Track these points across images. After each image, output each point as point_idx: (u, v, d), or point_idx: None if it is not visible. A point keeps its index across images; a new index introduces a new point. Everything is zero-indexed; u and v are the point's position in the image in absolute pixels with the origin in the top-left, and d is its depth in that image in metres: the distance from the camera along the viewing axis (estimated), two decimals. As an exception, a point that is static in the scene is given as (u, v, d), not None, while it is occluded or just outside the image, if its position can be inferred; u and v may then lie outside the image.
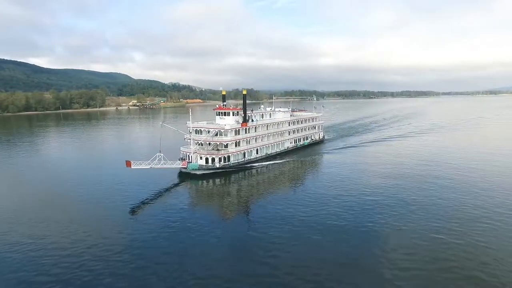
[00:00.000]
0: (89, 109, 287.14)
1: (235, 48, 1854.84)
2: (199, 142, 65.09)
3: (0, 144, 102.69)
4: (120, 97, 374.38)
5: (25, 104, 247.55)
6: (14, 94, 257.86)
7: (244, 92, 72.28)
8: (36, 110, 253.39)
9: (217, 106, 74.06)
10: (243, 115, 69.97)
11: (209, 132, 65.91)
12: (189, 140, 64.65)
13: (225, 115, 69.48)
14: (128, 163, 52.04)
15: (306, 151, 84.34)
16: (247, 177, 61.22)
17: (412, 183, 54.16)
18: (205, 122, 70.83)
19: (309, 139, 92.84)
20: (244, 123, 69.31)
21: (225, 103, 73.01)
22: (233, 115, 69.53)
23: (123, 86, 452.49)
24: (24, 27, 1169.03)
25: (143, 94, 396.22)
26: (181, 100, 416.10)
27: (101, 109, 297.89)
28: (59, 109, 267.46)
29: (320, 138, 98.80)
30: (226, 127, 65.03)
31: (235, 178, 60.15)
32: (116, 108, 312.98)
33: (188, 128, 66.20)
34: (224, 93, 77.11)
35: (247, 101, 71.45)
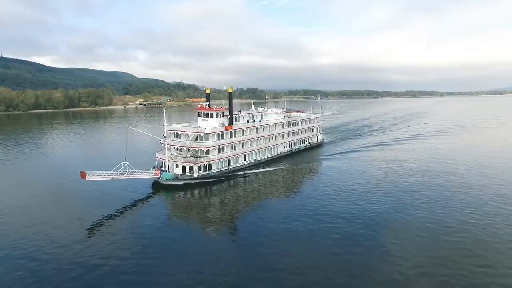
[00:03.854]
0: (97, 108, 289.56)
1: (237, 47, 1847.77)
2: (177, 147, 57.37)
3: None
4: (127, 96, 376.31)
5: (34, 103, 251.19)
6: (24, 92, 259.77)
7: (230, 90, 64.19)
8: (45, 109, 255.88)
9: (199, 106, 66.07)
10: (228, 116, 62.12)
11: (188, 136, 58.07)
12: (165, 145, 56.97)
13: (207, 116, 61.43)
14: (83, 175, 44.37)
15: (302, 156, 76.01)
16: (233, 188, 53.37)
17: (424, 195, 46.95)
18: (184, 125, 63.02)
19: (306, 142, 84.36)
20: (229, 126, 61.34)
21: (208, 103, 64.94)
22: (217, 116, 61.47)
23: (129, 85, 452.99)
24: (27, 26, 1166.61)
25: (149, 93, 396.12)
26: (186, 99, 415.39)
27: (109, 107, 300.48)
28: (68, 108, 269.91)
29: (318, 141, 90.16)
30: (207, 131, 57.05)
31: (218, 189, 52.35)
32: (124, 107, 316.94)
33: (164, 131, 58.47)
34: (208, 91, 69.04)
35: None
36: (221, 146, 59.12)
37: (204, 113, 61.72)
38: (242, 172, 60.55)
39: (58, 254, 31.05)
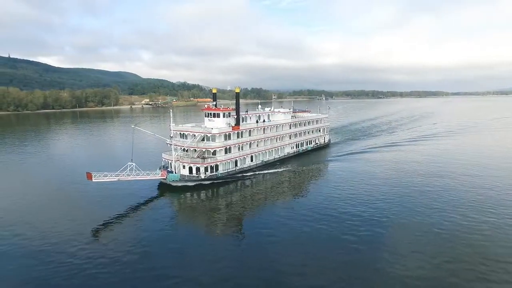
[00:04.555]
0: (103, 108, 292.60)
1: (240, 47, 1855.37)
2: (183, 148, 56.71)
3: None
4: (133, 96, 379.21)
5: (43, 103, 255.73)
6: (33, 92, 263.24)
7: (237, 90, 63.30)
8: (53, 108, 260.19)
9: (206, 106, 65.34)
10: (235, 116, 61.31)
11: (194, 136, 57.38)
12: (171, 146, 56.34)
13: (214, 116, 60.66)
14: (89, 176, 43.82)
15: (309, 157, 74.97)
16: (240, 189, 52.56)
17: (439, 195, 46.44)
18: (190, 125, 62.32)
19: (313, 143, 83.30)
20: (236, 126, 60.53)
21: (215, 103, 64.19)
22: (224, 116, 60.69)
23: (134, 85, 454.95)
24: (33, 26, 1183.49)
25: (154, 93, 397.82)
26: (191, 99, 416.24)
27: (115, 107, 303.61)
28: (75, 107, 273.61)
29: (326, 142, 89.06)
30: (214, 131, 56.27)
31: (225, 190, 51.57)
32: (130, 107, 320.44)
33: (171, 131, 57.83)
34: (214, 91, 68.34)
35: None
36: (228, 147, 58.31)
37: (210, 113, 60.97)
38: (249, 173, 59.70)
39: (61, 254, 30.62)
